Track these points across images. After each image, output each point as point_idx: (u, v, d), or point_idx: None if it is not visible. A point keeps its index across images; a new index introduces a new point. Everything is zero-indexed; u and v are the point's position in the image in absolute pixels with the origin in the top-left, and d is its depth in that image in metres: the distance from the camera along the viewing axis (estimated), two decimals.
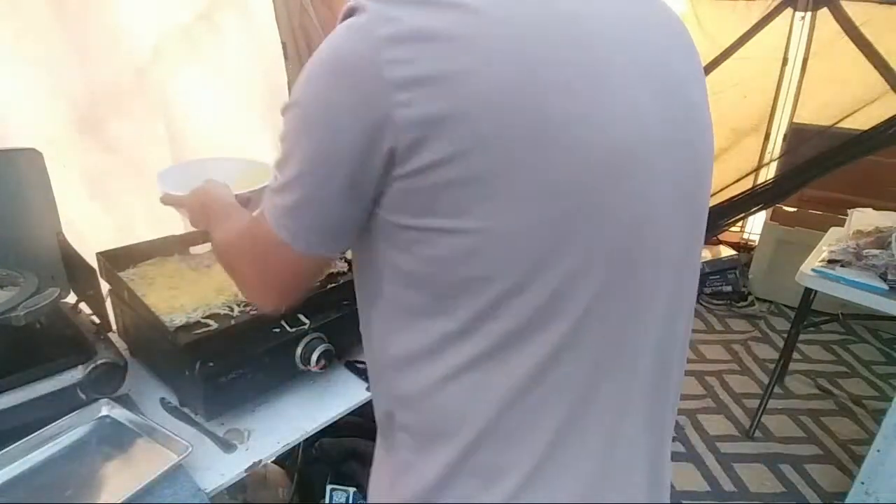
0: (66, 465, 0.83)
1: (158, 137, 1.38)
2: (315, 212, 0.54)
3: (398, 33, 0.45)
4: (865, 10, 2.71)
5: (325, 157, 0.51)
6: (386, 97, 0.45)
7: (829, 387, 2.49)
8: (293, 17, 1.49)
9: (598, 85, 0.48)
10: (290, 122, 0.54)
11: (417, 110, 0.45)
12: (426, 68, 0.44)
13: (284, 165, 0.54)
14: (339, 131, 0.49)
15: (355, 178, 0.50)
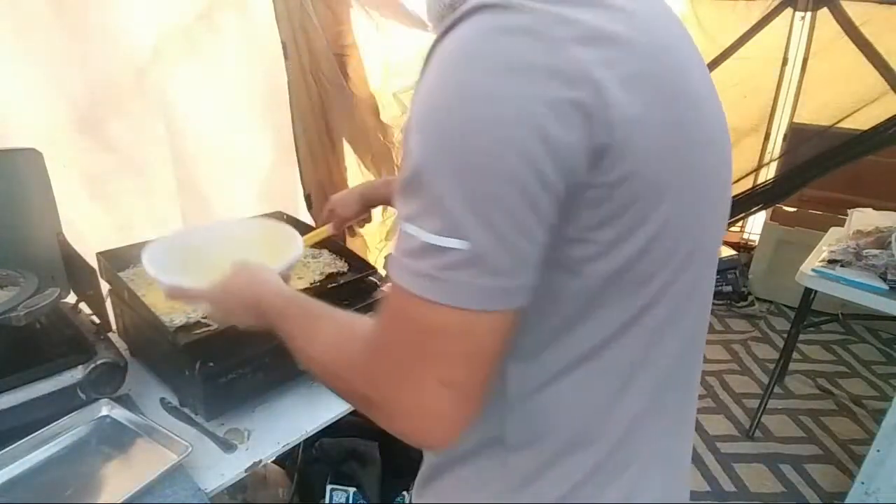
0: (66, 465, 0.83)
1: (158, 137, 1.38)
2: (505, 250, 0.42)
3: (583, 34, 0.42)
4: (865, 10, 2.70)
5: (512, 175, 0.41)
6: (594, 92, 0.41)
7: (829, 387, 2.49)
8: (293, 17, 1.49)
9: (705, 97, 0.51)
10: (437, 154, 0.43)
11: (626, 110, 0.42)
12: (625, 69, 0.42)
13: (437, 208, 0.42)
14: (528, 142, 0.41)
15: (552, 188, 0.42)
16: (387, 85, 1.77)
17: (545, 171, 0.41)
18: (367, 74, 1.72)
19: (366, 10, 1.64)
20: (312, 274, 1.18)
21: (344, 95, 1.66)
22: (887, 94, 2.63)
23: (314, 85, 1.61)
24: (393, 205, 1.28)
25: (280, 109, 1.59)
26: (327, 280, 1.16)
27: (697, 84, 0.50)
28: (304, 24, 1.52)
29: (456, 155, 0.42)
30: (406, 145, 0.46)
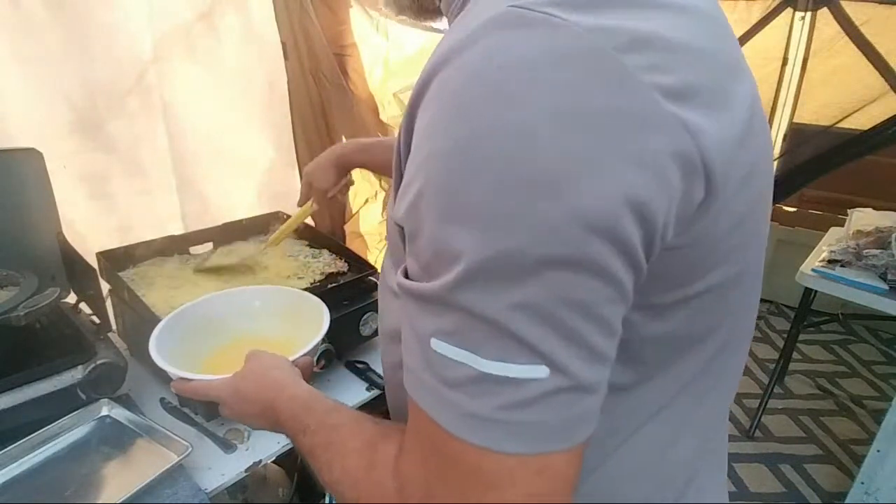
0: (66, 465, 0.83)
1: (158, 137, 1.38)
2: (591, 362, 0.33)
3: (656, 59, 0.32)
4: (865, 10, 2.70)
5: (598, 266, 0.31)
6: (689, 136, 0.32)
7: (829, 387, 2.49)
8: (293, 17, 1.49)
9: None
10: (490, 244, 0.31)
11: (719, 151, 0.34)
12: (707, 95, 0.34)
13: (497, 322, 0.32)
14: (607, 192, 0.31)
15: (639, 267, 0.33)
16: (387, 85, 1.77)
17: (635, 251, 0.32)
18: (367, 74, 1.72)
19: (366, 10, 1.64)
20: (312, 274, 1.18)
21: (344, 95, 1.66)
22: (887, 94, 2.63)
23: (314, 85, 1.61)
24: (370, 168, 1.23)
25: (280, 109, 1.60)
26: (327, 280, 1.16)
27: (753, 98, 0.42)
28: (304, 24, 1.52)
29: (521, 247, 0.30)
30: (413, 216, 0.35)
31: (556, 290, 0.31)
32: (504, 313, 0.31)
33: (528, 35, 0.31)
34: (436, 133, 0.34)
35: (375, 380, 1.07)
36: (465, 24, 0.36)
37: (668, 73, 0.32)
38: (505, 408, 0.32)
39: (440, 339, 0.34)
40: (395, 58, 1.75)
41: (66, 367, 0.88)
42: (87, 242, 1.25)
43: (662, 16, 0.35)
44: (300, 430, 0.50)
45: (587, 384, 0.33)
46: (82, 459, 0.84)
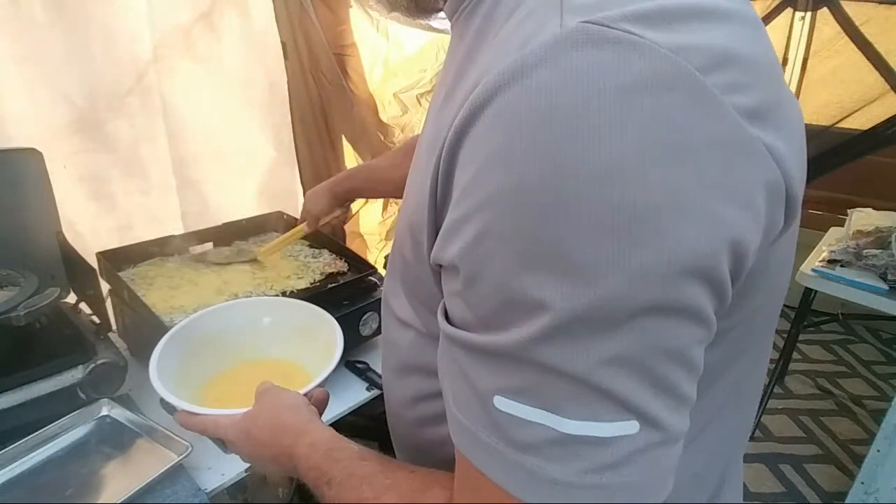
0: (66, 465, 0.83)
1: (158, 137, 1.38)
2: (679, 408, 0.31)
3: (714, 57, 0.29)
4: (865, 10, 2.70)
5: (691, 310, 0.29)
6: (776, 163, 0.30)
7: (829, 387, 2.49)
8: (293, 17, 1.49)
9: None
10: (573, 295, 0.28)
11: (798, 175, 0.32)
12: (778, 113, 0.32)
13: (580, 378, 0.29)
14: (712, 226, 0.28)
15: (725, 293, 0.31)
16: (387, 85, 1.77)
17: (727, 287, 0.30)
18: (368, 74, 1.72)
19: (366, 10, 1.64)
20: (313, 274, 1.18)
21: (344, 95, 1.66)
22: (887, 94, 2.63)
23: (314, 85, 1.61)
24: (363, 195, 1.22)
25: (280, 109, 1.60)
26: (327, 280, 1.16)
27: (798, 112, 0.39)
28: (304, 24, 1.52)
29: (616, 296, 0.28)
30: (471, 259, 0.32)
31: (650, 340, 0.29)
32: (593, 369, 0.28)
33: (611, 57, 0.28)
34: (505, 166, 0.29)
35: (375, 380, 1.07)
36: (516, 38, 0.32)
37: (747, 92, 0.30)
38: (592, 471, 0.29)
39: (508, 397, 0.30)
40: (395, 58, 1.75)
41: (66, 367, 0.88)
42: (87, 242, 1.25)
43: (729, 27, 0.31)
44: (324, 481, 0.45)
45: (676, 433, 0.30)
46: (82, 459, 0.84)
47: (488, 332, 0.32)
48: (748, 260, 0.30)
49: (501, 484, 0.31)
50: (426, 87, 1.80)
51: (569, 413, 0.29)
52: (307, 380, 0.62)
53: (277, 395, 0.56)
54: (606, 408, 0.29)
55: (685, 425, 0.32)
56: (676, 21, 0.29)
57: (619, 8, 0.29)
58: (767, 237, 0.32)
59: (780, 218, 0.32)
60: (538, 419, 0.30)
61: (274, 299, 0.83)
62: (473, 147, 0.32)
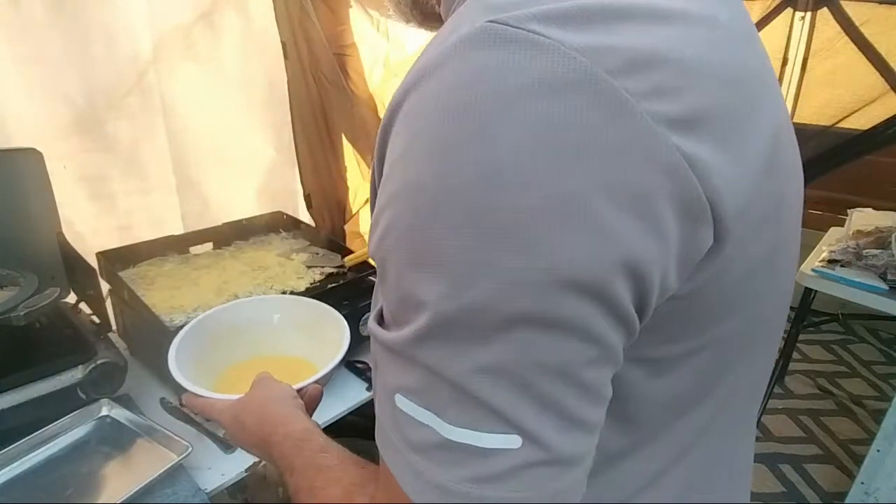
0: (66, 465, 0.83)
1: (158, 137, 1.38)
2: (573, 431, 0.29)
3: (633, 60, 0.27)
4: (865, 10, 2.70)
5: (582, 324, 0.28)
6: (698, 177, 0.28)
7: (829, 387, 2.49)
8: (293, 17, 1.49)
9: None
10: (457, 293, 0.28)
11: (733, 194, 0.30)
12: (722, 124, 0.30)
13: (461, 386, 0.28)
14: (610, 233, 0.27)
15: (629, 323, 0.30)
16: (387, 85, 1.77)
17: (625, 309, 0.29)
18: (368, 74, 1.72)
19: (366, 10, 1.64)
20: (312, 274, 1.18)
21: (344, 95, 1.66)
22: (887, 94, 2.63)
23: (314, 85, 1.61)
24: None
25: (280, 109, 1.59)
26: (327, 280, 1.16)
27: (779, 122, 0.36)
28: (304, 24, 1.51)
29: (490, 301, 0.27)
30: (380, 254, 0.32)
31: (528, 352, 0.27)
32: (470, 375, 0.28)
33: (506, 57, 0.27)
34: (405, 166, 0.30)
35: None
36: (441, 37, 0.32)
37: (674, 98, 0.28)
38: (473, 480, 0.28)
39: (404, 395, 0.30)
40: (395, 58, 1.75)
41: (66, 367, 0.88)
42: (87, 242, 1.24)
43: (671, 29, 0.29)
44: (289, 469, 0.47)
45: (566, 457, 0.29)
46: (82, 459, 0.84)
47: (394, 329, 0.32)
48: (652, 280, 0.28)
49: (398, 479, 0.31)
50: None
51: (450, 419, 0.29)
52: (315, 372, 0.66)
53: (268, 385, 0.59)
54: (486, 418, 0.28)
55: (581, 449, 0.30)
56: (596, 21, 0.28)
57: (534, 7, 0.27)
58: (688, 256, 0.30)
59: (706, 237, 0.29)
60: (426, 420, 0.29)
61: (287, 298, 0.86)
62: (391, 144, 0.32)
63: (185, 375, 0.65)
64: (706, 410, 0.40)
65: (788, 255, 0.40)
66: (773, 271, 0.38)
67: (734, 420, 0.45)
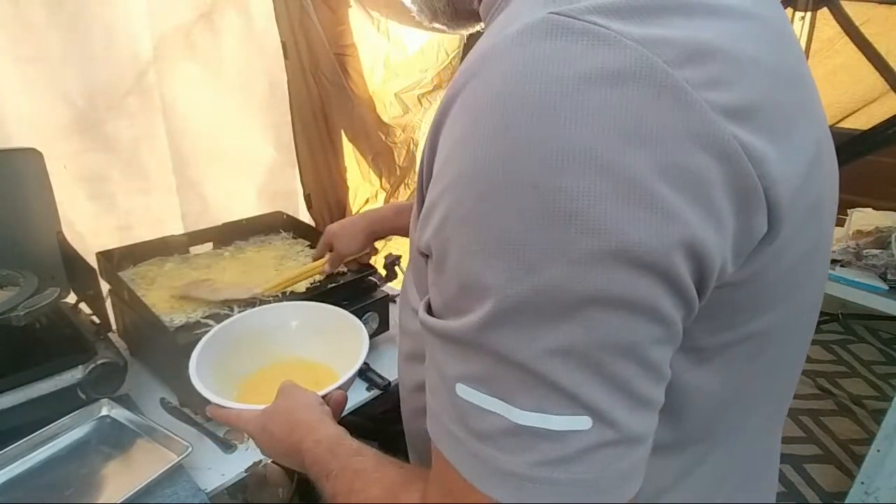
0: (66, 465, 0.83)
1: (158, 137, 1.38)
2: (639, 410, 0.30)
3: (691, 51, 0.29)
4: (865, 10, 2.70)
5: (646, 305, 0.28)
6: (754, 164, 0.29)
7: (829, 387, 2.49)
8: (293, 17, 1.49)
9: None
10: (522, 281, 0.28)
11: (787, 181, 0.31)
12: (772, 116, 0.31)
13: (530, 369, 0.29)
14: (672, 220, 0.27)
15: (689, 306, 0.30)
16: (388, 85, 1.77)
17: (687, 287, 0.29)
18: (368, 74, 1.72)
19: (366, 10, 1.64)
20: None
21: (344, 95, 1.66)
22: (887, 94, 2.64)
23: (314, 85, 1.61)
24: (400, 234, 1.11)
25: (280, 109, 1.59)
26: (327, 280, 1.16)
27: (822, 121, 0.38)
28: (304, 23, 1.51)
29: (560, 284, 0.27)
30: (437, 244, 0.32)
31: (598, 332, 0.28)
32: (540, 359, 0.28)
33: (571, 47, 0.28)
34: (465, 152, 0.30)
35: (376, 380, 1.07)
36: (496, 29, 0.32)
37: (728, 89, 0.29)
38: (543, 464, 0.28)
39: (468, 384, 0.30)
40: (396, 58, 1.75)
41: (66, 367, 0.88)
42: (87, 242, 1.25)
43: (722, 23, 0.30)
44: (324, 475, 0.47)
45: (634, 435, 0.30)
46: (82, 459, 0.84)
47: (452, 318, 0.32)
48: (712, 262, 0.29)
49: (460, 470, 0.31)
50: (427, 87, 1.80)
51: (520, 403, 0.29)
52: (334, 377, 0.65)
53: (294, 393, 0.58)
54: (556, 400, 0.28)
55: (645, 427, 0.31)
56: (652, 14, 0.29)
57: (593, 0, 0.29)
58: (743, 242, 0.30)
59: (760, 224, 0.30)
60: (493, 408, 0.29)
61: (303, 304, 0.85)
62: (446, 135, 0.32)
63: (207, 386, 0.64)
64: (738, 406, 0.40)
65: (824, 256, 0.41)
66: (811, 269, 0.38)
67: (763, 418, 0.45)
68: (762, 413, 0.44)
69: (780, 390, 0.45)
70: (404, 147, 1.85)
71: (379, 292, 1.18)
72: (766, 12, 0.34)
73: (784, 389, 0.46)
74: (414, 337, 0.49)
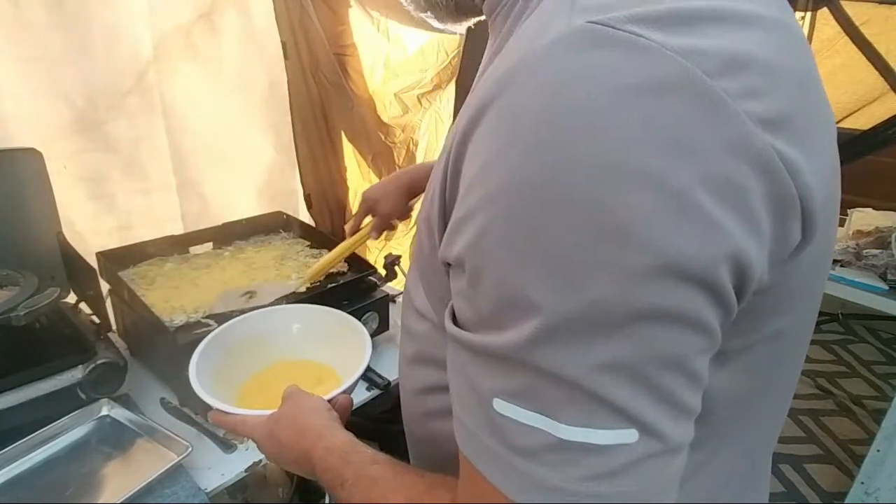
0: (66, 465, 0.83)
1: (158, 137, 1.38)
2: (681, 418, 0.30)
3: (729, 61, 0.28)
4: (865, 10, 2.70)
5: (691, 318, 0.28)
6: (790, 175, 0.29)
7: (829, 387, 2.49)
8: (293, 17, 1.49)
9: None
10: (569, 297, 0.28)
11: (817, 190, 0.31)
12: (800, 122, 0.30)
13: (575, 383, 0.28)
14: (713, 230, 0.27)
15: (728, 314, 0.30)
16: (388, 85, 1.77)
17: (729, 297, 0.29)
18: (368, 74, 1.72)
19: (367, 10, 1.64)
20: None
21: (344, 95, 1.66)
22: (887, 94, 2.64)
23: (314, 85, 1.61)
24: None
25: (280, 109, 1.59)
26: (327, 280, 1.16)
27: (834, 125, 0.39)
28: (304, 23, 1.51)
29: (610, 299, 0.27)
30: (473, 257, 0.32)
31: (647, 346, 0.28)
32: (588, 375, 0.28)
33: (614, 58, 0.27)
34: (506, 165, 0.29)
35: (376, 380, 1.07)
36: (526, 37, 0.32)
37: (763, 99, 0.29)
38: (589, 479, 0.28)
39: (507, 400, 0.30)
40: (396, 58, 1.75)
41: (66, 367, 0.88)
42: (87, 242, 1.25)
43: (754, 33, 0.30)
44: (338, 483, 0.46)
45: (677, 445, 0.30)
46: (82, 459, 0.84)
47: (488, 333, 0.31)
48: (753, 273, 0.29)
49: (500, 487, 0.31)
50: (427, 87, 1.80)
51: (565, 419, 0.28)
52: (338, 383, 0.64)
53: (300, 398, 0.57)
54: (603, 415, 0.28)
55: (688, 436, 0.31)
56: (689, 24, 0.28)
57: (629, 9, 0.28)
58: (779, 251, 0.30)
59: (795, 233, 0.30)
60: (535, 423, 0.29)
61: (304, 307, 0.84)
62: (479, 144, 0.32)
63: (207, 391, 0.62)
64: (752, 404, 0.40)
65: (830, 256, 0.42)
66: (821, 270, 0.39)
67: (770, 415, 0.46)
68: (770, 410, 0.45)
69: (786, 387, 0.46)
70: (404, 147, 1.85)
71: (379, 292, 1.18)
72: (789, 20, 0.34)
73: (790, 386, 0.47)
74: (419, 340, 0.48)
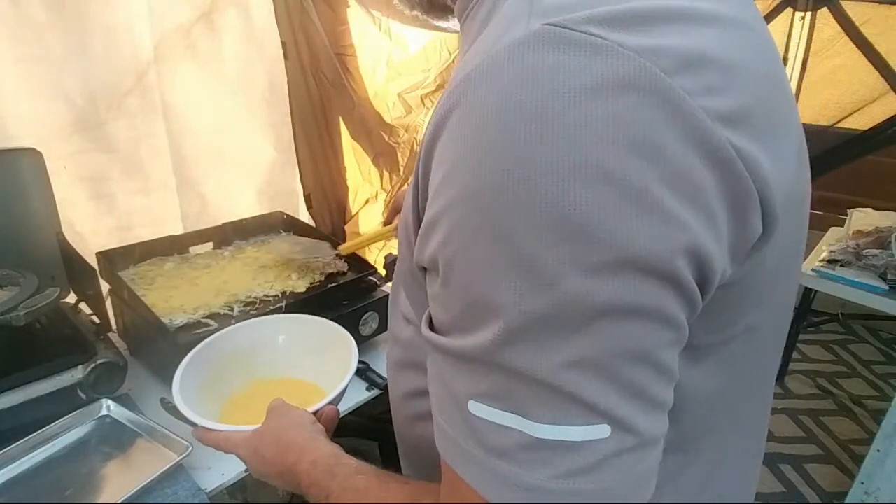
0: (66, 465, 0.83)
1: (158, 137, 1.38)
2: (653, 413, 0.31)
3: (685, 59, 0.29)
4: (865, 10, 2.70)
5: (657, 311, 0.29)
6: (748, 170, 0.29)
7: (829, 387, 2.49)
8: (293, 17, 1.49)
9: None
10: (534, 294, 0.28)
11: (779, 186, 0.31)
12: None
13: (546, 381, 0.29)
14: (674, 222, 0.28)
15: (690, 295, 0.30)
16: (390, 86, 1.77)
17: (692, 289, 0.30)
18: (370, 75, 1.72)
19: (368, 9, 1.64)
20: (312, 274, 1.18)
21: (344, 95, 1.66)
22: (887, 94, 2.64)
23: (314, 85, 1.61)
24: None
25: (280, 109, 1.59)
26: (327, 280, 1.16)
27: (799, 123, 0.39)
28: (305, 23, 1.51)
29: (572, 298, 0.27)
30: (440, 261, 0.32)
31: (613, 341, 0.28)
32: (557, 372, 0.28)
33: (568, 58, 0.28)
34: (468, 167, 0.30)
35: (375, 380, 1.07)
36: (486, 41, 0.32)
37: (723, 95, 0.29)
38: (565, 476, 0.28)
39: (481, 401, 0.30)
40: (398, 58, 1.75)
41: (66, 367, 0.88)
42: (87, 242, 1.25)
43: (711, 31, 0.31)
44: (323, 496, 0.46)
45: (650, 438, 0.30)
46: (82, 459, 0.84)
47: (460, 336, 0.32)
48: (714, 265, 0.29)
49: (478, 489, 0.31)
50: (430, 87, 1.80)
51: (538, 417, 0.29)
52: (322, 396, 0.63)
53: (284, 413, 0.56)
54: (575, 411, 0.28)
55: (661, 429, 0.31)
56: (646, 24, 0.29)
57: (587, 10, 0.29)
58: (740, 245, 0.31)
59: (756, 226, 0.31)
60: (509, 423, 0.29)
61: (290, 316, 0.83)
62: (444, 148, 0.32)
63: (192, 408, 0.61)
64: (729, 402, 0.40)
65: (801, 252, 0.42)
66: (791, 266, 0.39)
67: (750, 414, 0.46)
68: (749, 409, 0.45)
69: (763, 386, 0.46)
70: (408, 147, 1.85)
71: (379, 292, 1.18)
72: (751, 19, 0.35)
73: (767, 385, 0.47)
74: (405, 345, 0.48)
